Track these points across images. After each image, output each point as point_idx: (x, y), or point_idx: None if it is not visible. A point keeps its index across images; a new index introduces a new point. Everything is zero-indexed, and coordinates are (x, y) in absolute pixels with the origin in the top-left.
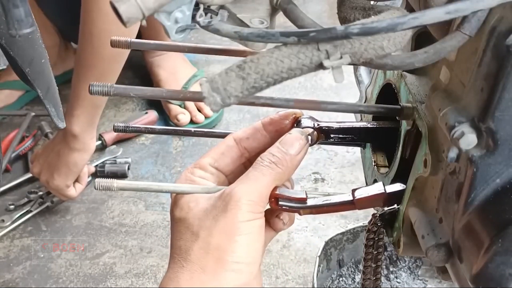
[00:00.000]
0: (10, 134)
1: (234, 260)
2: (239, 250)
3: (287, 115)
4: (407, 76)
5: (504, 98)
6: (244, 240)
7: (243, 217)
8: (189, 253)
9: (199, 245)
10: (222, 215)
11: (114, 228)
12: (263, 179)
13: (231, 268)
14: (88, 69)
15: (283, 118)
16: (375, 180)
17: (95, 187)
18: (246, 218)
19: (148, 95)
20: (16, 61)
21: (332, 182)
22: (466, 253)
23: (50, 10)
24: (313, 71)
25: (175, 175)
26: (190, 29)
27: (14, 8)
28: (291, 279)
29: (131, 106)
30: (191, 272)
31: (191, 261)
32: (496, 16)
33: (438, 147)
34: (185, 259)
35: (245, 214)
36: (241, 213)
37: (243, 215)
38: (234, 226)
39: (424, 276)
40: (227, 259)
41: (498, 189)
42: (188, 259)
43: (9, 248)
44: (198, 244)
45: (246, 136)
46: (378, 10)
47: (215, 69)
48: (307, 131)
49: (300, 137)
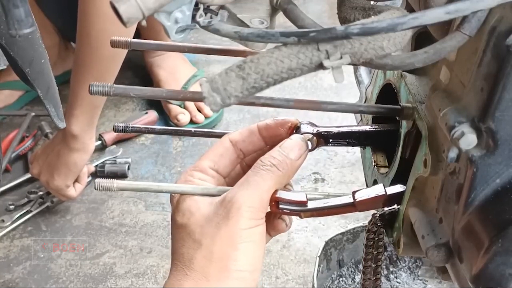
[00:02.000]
0: (10, 134)
1: (237, 269)
2: (242, 258)
3: (282, 122)
4: (407, 76)
5: (504, 98)
6: (247, 248)
7: (245, 225)
8: (193, 261)
9: (202, 254)
10: (224, 223)
11: (114, 228)
12: (264, 184)
13: (234, 276)
14: (86, 69)
15: (278, 125)
16: (375, 180)
17: (95, 187)
18: (248, 225)
19: (148, 95)
20: (16, 61)
21: (332, 182)
22: (466, 253)
23: (50, 10)
24: (313, 71)
25: (175, 175)
26: (190, 29)
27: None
28: (291, 279)
29: (131, 106)
30: (195, 281)
31: (194, 269)
32: (496, 16)
33: (438, 147)
34: (189, 267)
35: (247, 221)
36: (243, 220)
37: (245, 223)
38: (236, 234)
39: (424, 276)
40: (230, 267)
41: (498, 189)
42: (191, 268)
43: (9, 248)
44: (201, 252)
45: (242, 139)
46: (378, 10)
47: (215, 69)
48: (306, 137)
49: (300, 143)
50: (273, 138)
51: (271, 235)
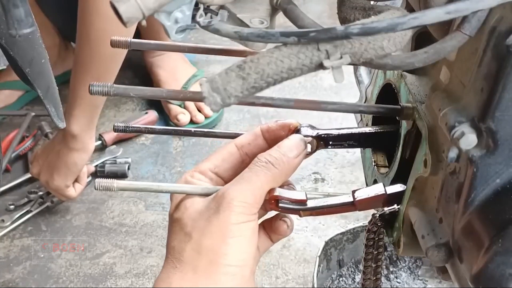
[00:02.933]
0: (10, 134)
1: (226, 263)
2: (231, 252)
3: (284, 125)
4: (407, 76)
5: (504, 98)
6: (236, 242)
7: (235, 219)
8: (182, 254)
9: (192, 246)
10: (214, 216)
11: (114, 228)
12: (257, 180)
13: (223, 271)
14: (86, 69)
15: (280, 128)
16: (375, 180)
17: (95, 187)
18: (238, 220)
19: (148, 95)
20: (16, 61)
21: (332, 182)
22: (466, 253)
23: (50, 10)
24: (313, 71)
25: (175, 175)
26: (190, 29)
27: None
28: (291, 279)
29: (131, 106)
30: (183, 273)
31: (183, 261)
32: (496, 16)
33: (438, 147)
34: (178, 259)
35: (237, 216)
36: (234, 214)
37: (235, 217)
38: (226, 228)
39: (424, 276)
40: (219, 261)
41: (498, 189)
42: (180, 260)
43: (9, 248)
44: (190, 245)
45: (247, 142)
46: (378, 10)
47: (215, 69)
48: (306, 139)
49: (298, 142)
50: (274, 141)
51: (273, 241)
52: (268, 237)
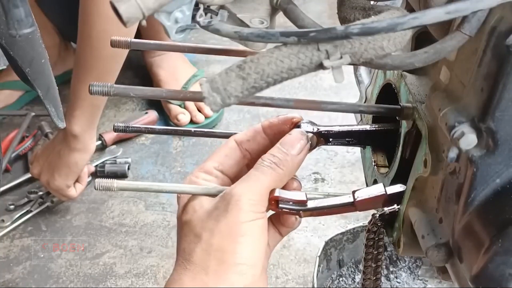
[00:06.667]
0: (10, 134)
1: (237, 262)
2: (241, 251)
3: (286, 119)
4: (407, 76)
5: (504, 98)
6: (247, 241)
7: (244, 217)
8: (192, 255)
9: (202, 247)
10: (223, 216)
11: (114, 228)
12: (264, 179)
13: (234, 270)
14: (87, 70)
15: (282, 123)
16: (375, 180)
17: (95, 187)
18: (248, 218)
19: (148, 95)
20: (16, 61)
21: (332, 182)
22: (466, 253)
23: (50, 10)
24: (313, 71)
25: (175, 175)
26: (190, 29)
27: (14, 8)
28: (291, 279)
29: (131, 106)
30: (193, 274)
31: (193, 262)
32: (496, 16)
33: (438, 147)
34: (188, 260)
35: (246, 214)
36: (243, 213)
37: (244, 215)
38: (236, 227)
39: (424, 276)
40: (229, 260)
41: (498, 189)
42: (191, 261)
43: (9, 248)
44: (200, 245)
45: (247, 138)
46: (378, 10)
47: (215, 69)
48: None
49: (300, 137)
50: (277, 136)
51: (282, 235)
52: (277, 231)
